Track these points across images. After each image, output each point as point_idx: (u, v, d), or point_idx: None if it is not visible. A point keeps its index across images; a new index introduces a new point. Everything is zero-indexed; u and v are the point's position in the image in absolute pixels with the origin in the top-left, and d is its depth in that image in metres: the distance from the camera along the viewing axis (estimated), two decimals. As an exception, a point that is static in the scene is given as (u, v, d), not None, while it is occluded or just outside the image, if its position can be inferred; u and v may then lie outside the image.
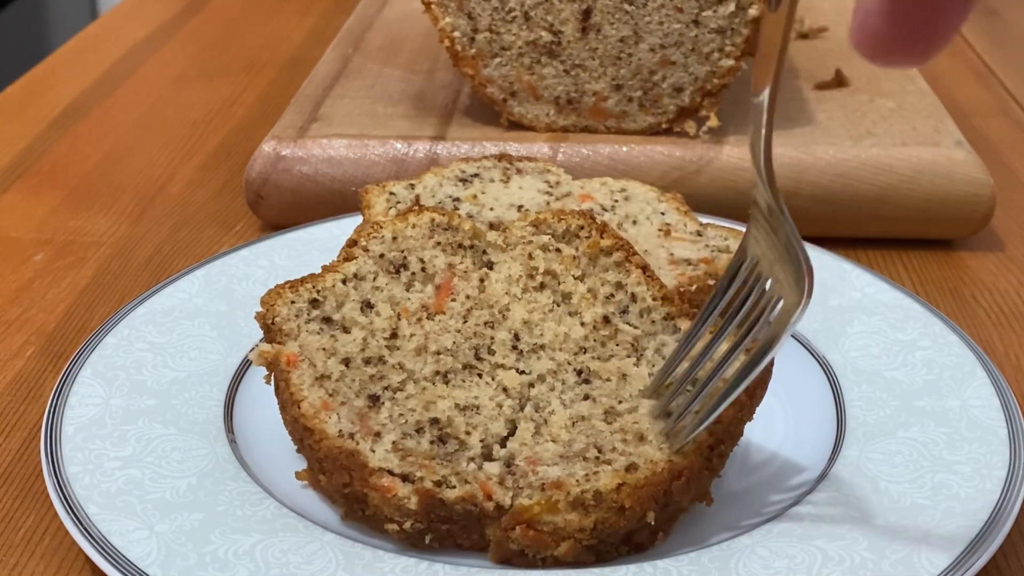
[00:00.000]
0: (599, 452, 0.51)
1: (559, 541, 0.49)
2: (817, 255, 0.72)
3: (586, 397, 0.53)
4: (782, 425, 0.59)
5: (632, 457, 0.50)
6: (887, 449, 0.56)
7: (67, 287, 0.76)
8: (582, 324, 0.56)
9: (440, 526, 0.50)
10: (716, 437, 0.51)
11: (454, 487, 0.50)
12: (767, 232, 0.48)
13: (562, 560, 0.49)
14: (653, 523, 0.50)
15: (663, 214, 0.68)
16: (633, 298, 0.57)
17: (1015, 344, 0.71)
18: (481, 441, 0.51)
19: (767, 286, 0.47)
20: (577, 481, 0.49)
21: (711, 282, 0.63)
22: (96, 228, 0.84)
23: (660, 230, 0.67)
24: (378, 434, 0.51)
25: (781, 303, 0.46)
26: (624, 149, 0.81)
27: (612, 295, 0.57)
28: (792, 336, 0.65)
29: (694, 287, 0.62)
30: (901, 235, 0.81)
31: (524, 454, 0.51)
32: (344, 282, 0.57)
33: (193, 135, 0.99)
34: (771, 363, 0.54)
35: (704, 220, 0.69)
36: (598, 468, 0.50)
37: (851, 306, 0.67)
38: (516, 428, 0.52)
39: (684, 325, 0.56)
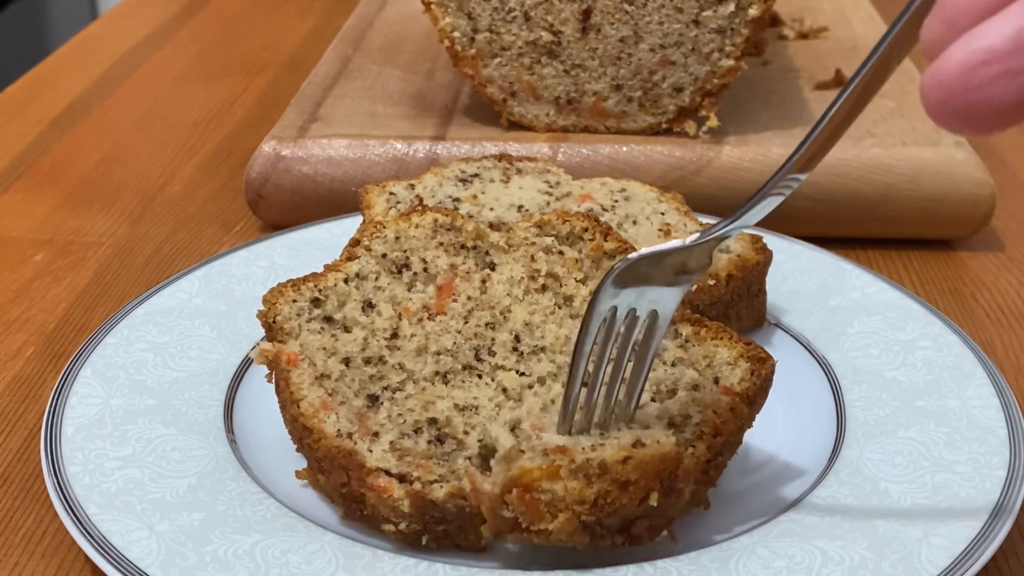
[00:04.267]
0: (603, 430, 0.49)
1: (556, 513, 0.46)
2: (817, 255, 0.72)
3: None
4: (782, 425, 0.59)
5: (638, 435, 0.48)
6: (887, 449, 0.56)
7: (67, 287, 0.76)
8: None
9: (436, 527, 0.50)
10: (715, 450, 0.51)
11: (443, 485, 0.49)
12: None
13: (554, 536, 0.47)
14: (655, 505, 0.47)
15: (663, 214, 0.68)
16: None
17: (1015, 344, 0.71)
18: (479, 441, 0.51)
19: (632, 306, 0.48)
20: (583, 449, 0.47)
21: (711, 282, 0.63)
22: (96, 228, 0.84)
23: (660, 230, 0.67)
24: (376, 434, 0.51)
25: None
26: (624, 149, 0.81)
27: None
28: (792, 336, 0.66)
29: (694, 287, 0.62)
30: (901, 235, 0.81)
31: (530, 420, 0.50)
32: (346, 281, 0.57)
33: (193, 135, 0.99)
34: (772, 369, 0.54)
35: (704, 220, 0.69)
36: (604, 441, 0.48)
37: (851, 306, 0.67)
38: (515, 428, 0.52)
39: (685, 330, 0.56)
